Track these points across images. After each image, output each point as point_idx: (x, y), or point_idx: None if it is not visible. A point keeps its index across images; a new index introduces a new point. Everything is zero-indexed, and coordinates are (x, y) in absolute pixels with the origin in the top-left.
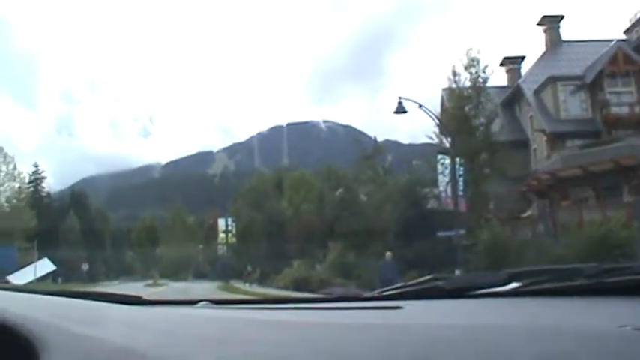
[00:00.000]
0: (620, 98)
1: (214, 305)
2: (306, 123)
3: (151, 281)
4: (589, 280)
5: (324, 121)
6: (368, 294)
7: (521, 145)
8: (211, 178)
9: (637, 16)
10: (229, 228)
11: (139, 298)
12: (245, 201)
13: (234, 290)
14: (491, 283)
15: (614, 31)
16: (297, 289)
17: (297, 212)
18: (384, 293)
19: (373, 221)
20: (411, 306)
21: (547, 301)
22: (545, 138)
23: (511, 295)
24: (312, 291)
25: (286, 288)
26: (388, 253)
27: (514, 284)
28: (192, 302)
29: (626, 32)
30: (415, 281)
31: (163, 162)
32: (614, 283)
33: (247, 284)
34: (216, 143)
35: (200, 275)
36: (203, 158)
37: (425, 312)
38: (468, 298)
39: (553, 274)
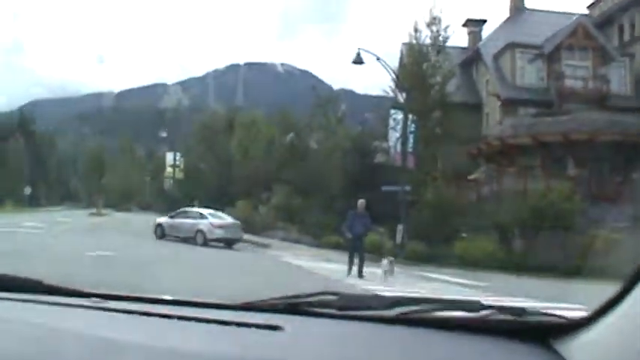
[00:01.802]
0: (576, 72)
1: None
2: (263, 64)
3: (94, 210)
4: (468, 315)
5: (282, 64)
6: (251, 302)
7: (475, 107)
8: (164, 111)
9: None
10: (177, 163)
11: None
12: (195, 137)
13: None
14: (377, 306)
15: (579, 4)
16: None
17: (245, 153)
18: (270, 301)
19: (321, 169)
20: (291, 326)
21: (424, 332)
22: (499, 103)
23: (393, 322)
24: (255, 233)
25: None
26: (361, 201)
27: (398, 309)
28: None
29: (589, 7)
30: (306, 294)
31: (116, 90)
32: (494, 322)
33: None
34: (171, 76)
35: (145, 207)
36: (157, 90)
37: (305, 336)
38: (350, 320)
39: (436, 304)
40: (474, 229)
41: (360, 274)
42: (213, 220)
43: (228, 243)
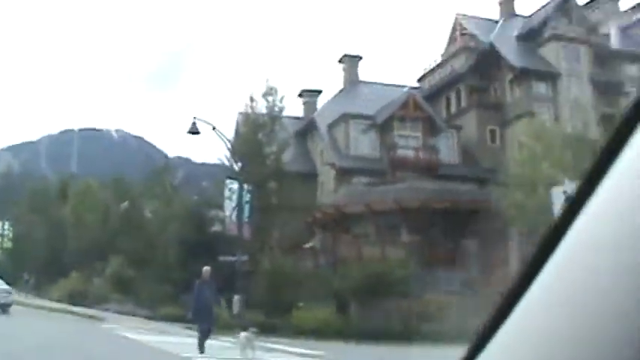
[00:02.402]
0: (408, 142)
1: None
2: (98, 130)
3: None
4: None
5: (116, 130)
6: None
7: (311, 176)
8: None
9: (430, 67)
10: (5, 232)
11: None
12: (26, 205)
13: None
14: None
15: (409, 77)
16: (74, 302)
17: (79, 221)
18: None
19: (156, 239)
20: None
21: None
22: (333, 172)
23: None
24: (89, 305)
25: (61, 300)
26: (206, 268)
27: None
28: None
29: (419, 80)
30: None
31: None
32: None
33: (29, 295)
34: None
35: None
36: None
37: None
38: None
39: None
40: (310, 298)
41: (202, 348)
42: None
43: (1, 307)
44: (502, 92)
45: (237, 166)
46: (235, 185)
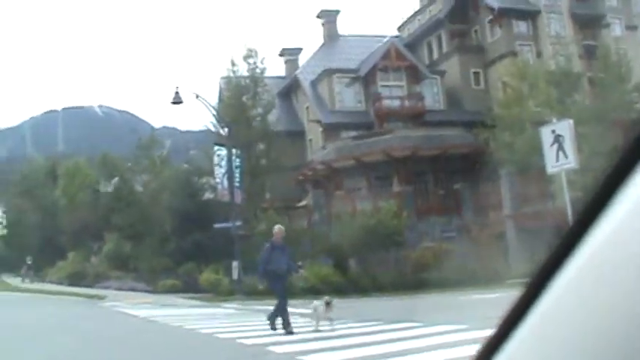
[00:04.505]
0: (392, 92)
1: None
2: (81, 108)
3: None
4: None
5: (100, 106)
6: None
7: (298, 135)
8: None
9: (409, 15)
10: None
11: None
12: (16, 190)
13: (4, 286)
14: None
15: (388, 27)
16: (73, 283)
17: (71, 202)
18: None
19: (149, 212)
20: None
21: None
22: (320, 128)
23: None
24: (88, 285)
25: (60, 282)
26: (279, 227)
27: None
28: None
29: (399, 29)
30: None
31: None
32: None
33: (27, 280)
34: None
35: None
36: None
37: None
38: None
39: None
40: (308, 257)
41: (288, 327)
42: None
43: None
44: (483, 34)
45: (223, 132)
46: (223, 151)
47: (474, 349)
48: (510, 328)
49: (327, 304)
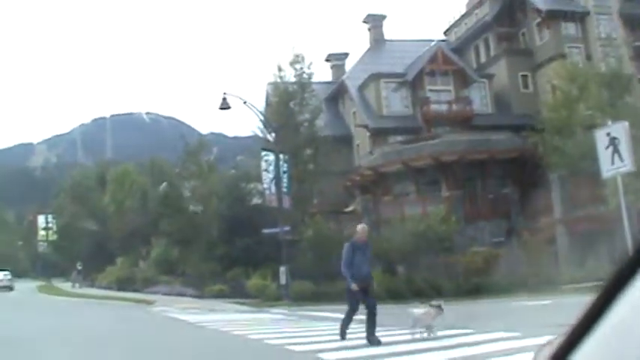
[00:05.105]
0: (439, 96)
1: None
2: (129, 114)
3: None
4: None
5: (147, 113)
6: None
7: (345, 140)
8: (32, 171)
9: (456, 19)
10: (50, 225)
11: None
12: (67, 196)
13: (56, 291)
14: None
15: (435, 31)
16: (122, 288)
17: (120, 207)
18: None
19: (197, 217)
20: None
21: None
22: (367, 133)
23: None
24: (137, 290)
25: (110, 287)
26: (362, 226)
27: None
28: None
29: (445, 33)
30: None
31: None
32: None
33: (77, 285)
34: (36, 135)
35: (21, 274)
36: (22, 150)
37: None
38: None
39: None
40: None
41: (373, 339)
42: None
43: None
44: (531, 37)
45: (271, 137)
46: (271, 156)
47: (529, 358)
48: (584, 332)
49: (438, 307)
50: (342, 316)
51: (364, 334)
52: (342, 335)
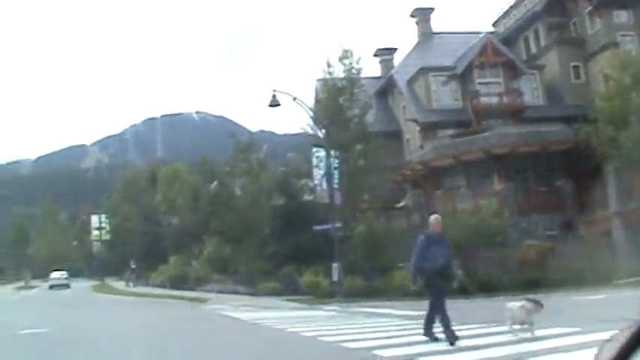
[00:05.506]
0: (489, 89)
1: None
2: (179, 114)
3: (22, 283)
4: None
5: (197, 112)
6: None
7: (395, 135)
8: (84, 172)
9: (504, 10)
10: (103, 224)
11: None
12: (120, 196)
13: (111, 290)
14: None
15: (483, 23)
16: (175, 287)
17: (172, 206)
18: None
19: (248, 215)
20: None
21: None
22: (417, 128)
23: None
24: (190, 288)
25: (163, 286)
26: (435, 216)
27: None
28: None
29: (494, 24)
30: None
31: (33, 157)
32: None
33: (130, 283)
34: (88, 136)
35: (75, 273)
36: (75, 152)
37: None
38: None
39: None
40: (408, 258)
41: (452, 337)
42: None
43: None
44: (582, 26)
45: (321, 134)
46: (322, 153)
47: (591, 354)
48: None
49: (536, 302)
50: (395, 312)
51: (422, 330)
52: (426, 331)
